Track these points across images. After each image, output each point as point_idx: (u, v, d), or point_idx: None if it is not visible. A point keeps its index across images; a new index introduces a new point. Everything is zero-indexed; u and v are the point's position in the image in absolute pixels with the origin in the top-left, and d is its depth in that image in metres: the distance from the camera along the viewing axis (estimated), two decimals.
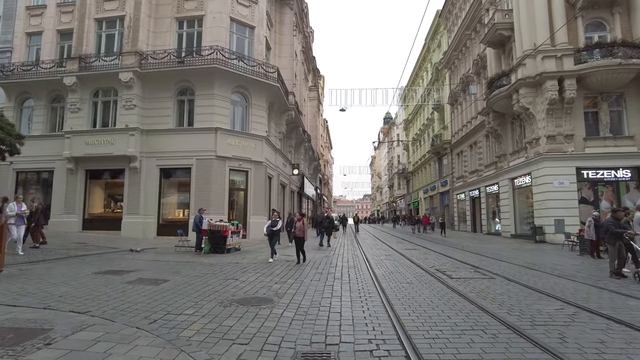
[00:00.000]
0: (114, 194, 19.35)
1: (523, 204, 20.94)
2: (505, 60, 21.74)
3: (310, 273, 8.68)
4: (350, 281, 7.71)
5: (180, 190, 18.60)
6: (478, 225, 27.56)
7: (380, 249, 15.02)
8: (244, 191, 18.79)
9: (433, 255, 12.69)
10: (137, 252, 12.09)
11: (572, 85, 16.93)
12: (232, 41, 19.02)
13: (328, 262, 10.69)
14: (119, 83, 17.89)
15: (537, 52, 17.61)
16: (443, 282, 7.59)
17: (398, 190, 64.27)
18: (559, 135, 17.54)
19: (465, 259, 11.59)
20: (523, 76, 18.03)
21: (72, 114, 18.64)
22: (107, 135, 18.17)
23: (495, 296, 6.37)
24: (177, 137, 18.00)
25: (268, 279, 7.80)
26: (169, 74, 18.06)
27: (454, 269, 9.41)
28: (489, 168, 24.78)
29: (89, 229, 18.29)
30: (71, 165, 18.40)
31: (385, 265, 10.25)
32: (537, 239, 17.77)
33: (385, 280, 7.87)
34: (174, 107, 18.56)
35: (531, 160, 18.63)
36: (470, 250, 14.81)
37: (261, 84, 18.98)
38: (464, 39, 28.74)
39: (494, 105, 21.18)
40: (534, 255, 13.10)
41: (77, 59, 18.46)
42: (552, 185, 17.43)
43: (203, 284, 7.11)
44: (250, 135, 18.84)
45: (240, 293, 6.37)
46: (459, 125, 30.96)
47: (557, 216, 17.15)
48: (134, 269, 8.68)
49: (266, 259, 11.24)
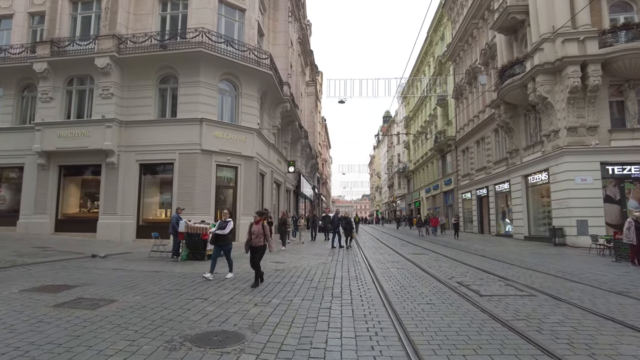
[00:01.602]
0: (91, 193, 17.58)
1: (538, 203, 19.27)
2: (518, 48, 20.05)
3: (302, 288, 6.97)
4: (353, 301, 5.99)
5: (162, 188, 16.85)
6: (486, 226, 25.88)
7: (384, 254, 13.31)
8: (232, 189, 17.04)
9: (446, 262, 10.98)
10: (101, 259, 10.35)
11: (597, 71, 15.26)
12: (220, 24, 17.27)
13: (325, 272, 8.97)
14: (95, 70, 16.15)
15: (556, 36, 15.92)
16: (472, 302, 5.88)
17: (398, 189, 62.58)
18: (581, 127, 15.86)
19: (485, 267, 9.89)
20: (540, 62, 16.34)
21: (44, 104, 16.87)
22: (82, 127, 16.43)
23: (553, 327, 4.66)
24: (159, 129, 16.25)
25: (246, 298, 6.07)
26: (150, 60, 16.31)
27: (479, 282, 7.71)
28: (499, 165, 23.09)
29: (63, 231, 16.54)
30: (42, 160, 16.64)
31: (393, 275, 8.53)
32: (556, 242, 16.11)
33: (397, 298, 6.16)
34: (156, 96, 16.81)
35: (549, 155, 16.95)
36: (485, 254, 13.12)
37: (252, 72, 17.24)
38: (470, 28, 27.06)
39: (505, 96, 19.50)
40: (560, 261, 11.42)
41: (49, 43, 16.69)
42: (573, 182, 15.75)
43: (159, 306, 5.39)
44: (240, 127, 17.10)
45: (203, 323, 4.65)
46: (464, 120, 29.27)
47: (580, 216, 15.48)
48: (82, 282, 6.95)
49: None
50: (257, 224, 7.15)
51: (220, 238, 7.71)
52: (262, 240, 7.09)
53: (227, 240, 7.77)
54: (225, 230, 7.71)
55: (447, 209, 34.78)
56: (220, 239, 7.71)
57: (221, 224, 7.82)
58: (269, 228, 7.16)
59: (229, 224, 7.82)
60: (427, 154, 41.80)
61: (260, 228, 7.10)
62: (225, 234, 7.71)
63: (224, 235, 7.70)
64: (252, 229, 7.10)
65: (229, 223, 7.84)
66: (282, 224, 15.72)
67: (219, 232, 7.67)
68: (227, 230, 7.73)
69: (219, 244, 7.72)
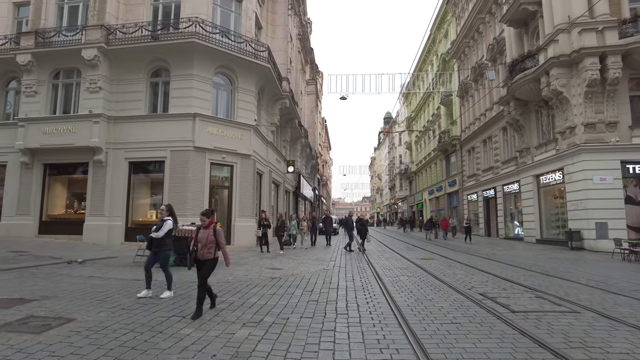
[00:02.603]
0: (77, 193, 16.59)
1: (551, 205, 18.25)
2: (529, 41, 19.08)
3: (300, 302, 5.95)
4: (362, 319, 4.98)
5: (153, 187, 15.86)
6: (493, 228, 24.85)
7: (390, 259, 12.30)
8: (228, 189, 16.04)
9: (460, 269, 9.96)
10: (78, 265, 9.34)
11: (617, 63, 14.28)
12: (216, 15, 16.32)
13: (327, 280, 7.96)
14: (83, 62, 15.19)
15: (572, 26, 14.95)
16: (506, 320, 4.86)
17: (400, 191, 61.51)
18: (599, 123, 14.87)
19: (504, 274, 8.88)
20: (555, 54, 15.36)
21: (28, 99, 15.89)
22: (68, 123, 15.45)
23: (622, 359, 3.65)
24: (150, 125, 15.26)
25: (233, 315, 5.06)
26: (141, 51, 15.33)
27: (504, 293, 6.69)
28: (508, 164, 22.09)
29: (47, 233, 15.53)
30: (26, 158, 15.64)
31: (404, 285, 7.52)
32: (573, 246, 15.09)
33: (414, 316, 5.14)
34: (147, 90, 15.82)
35: (564, 153, 15.95)
36: (499, 259, 12.11)
37: (249, 65, 16.25)
38: (477, 23, 26.11)
39: (516, 91, 18.51)
40: (585, 267, 10.41)
41: (34, 34, 15.73)
42: (591, 182, 14.74)
43: (124, 327, 4.38)
44: (235, 123, 16.11)
45: (173, 353, 3.64)
46: (470, 119, 28.28)
47: (599, 218, 14.46)
48: (43, 295, 5.95)
49: (245, 274, 8.53)
50: (205, 228, 5.22)
51: (155, 242, 6.13)
52: (213, 250, 5.17)
53: (165, 245, 6.20)
54: (160, 232, 6.12)
55: (451, 211, 33.74)
56: (156, 244, 6.13)
57: (159, 225, 6.22)
58: (222, 234, 5.31)
59: (166, 224, 6.19)
60: (430, 154, 40.80)
61: (209, 234, 5.17)
62: (160, 238, 6.12)
63: (163, 238, 6.13)
64: (198, 236, 5.21)
65: (165, 223, 6.20)
66: (279, 226, 14.70)
67: (153, 234, 6.12)
68: (162, 232, 6.13)
69: (155, 250, 6.15)
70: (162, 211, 6.49)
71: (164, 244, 6.18)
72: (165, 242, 6.20)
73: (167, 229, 6.17)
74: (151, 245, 6.18)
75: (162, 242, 6.14)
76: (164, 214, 6.38)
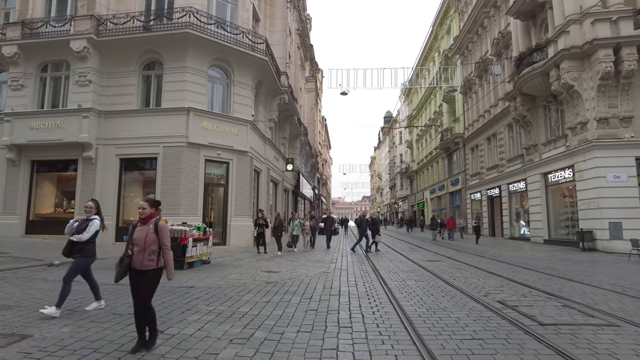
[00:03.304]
0: (67, 191, 15.93)
1: (559, 204, 17.57)
2: (536, 34, 18.37)
3: (298, 311, 5.27)
4: (368, 334, 4.29)
5: (145, 185, 15.18)
6: (498, 228, 24.16)
7: (393, 261, 11.61)
8: (223, 187, 15.34)
9: (470, 272, 9.28)
10: (56, 267, 8.67)
11: (632, 55, 13.60)
12: (211, 5, 15.67)
13: (327, 285, 7.27)
14: (72, 54, 14.54)
15: (584, 16, 14.27)
16: (536, 336, 4.18)
17: (401, 190, 60.78)
18: (613, 118, 14.19)
19: (519, 278, 8.19)
20: (566, 46, 14.67)
21: (14, 92, 15.24)
22: (56, 118, 14.77)
23: None
24: (142, 120, 14.57)
25: (219, 330, 4.36)
26: (132, 43, 14.64)
27: (525, 301, 6.00)
28: (513, 162, 21.40)
29: (35, 233, 14.87)
30: (12, 154, 14.98)
31: (412, 291, 6.83)
32: (585, 246, 14.41)
33: (428, 330, 4.45)
34: (139, 83, 15.13)
35: (575, 149, 15.26)
36: (509, 261, 11.42)
37: (246, 57, 15.56)
38: (481, 17, 25.42)
39: (523, 86, 17.82)
40: (603, 270, 9.72)
41: (20, 25, 15.06)
42: (604, 180, 14.06)
43: (87, 346, 3.69)
44: (232, 118, 15.41)
45: None
46: (474, 116, 27.58)
47: (612, 218, 13.79)
48: (7, 303, 5.27)
49: (238, 278, 7.85)
50: (143, 223, 3.74)
51: (76, 247, 4.90)
52: (156, 257, 3.68)
53: (87, 250, 4.95)
54: (84, 235, 4.86)
55: (454, 210, 33.05)
56: (77, 249, 4.89)
57: (80, 225, 4.97)
58: (168, 232, 3.80)
59: (93, 225, 4.95)
60: (432, 153, 40.11)
61: (149, 232, 3.66)
62: (83, 242, 4.87)
63: (80, 242, 4.86)
64: (133, 235, 3.73)
65: (92, 223, 4.96)
66: (277, 226, 14.00)
67: (74, 238, 4.88)
68: (88, 234, 4.87)
69: (75, 255, 4.91)
70: (89, 207, 5.08)
71: (86, 250, 4.93)
72: (89, 246, 4.95)
73: (94, 230, 4.94)
74: (71, 250, 4.91)
75: (83, 247, 4.90)
76: (91, 212, 5.05)
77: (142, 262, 3.62)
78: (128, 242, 3.75)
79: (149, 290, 3.64)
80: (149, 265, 3.63)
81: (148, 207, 3.74)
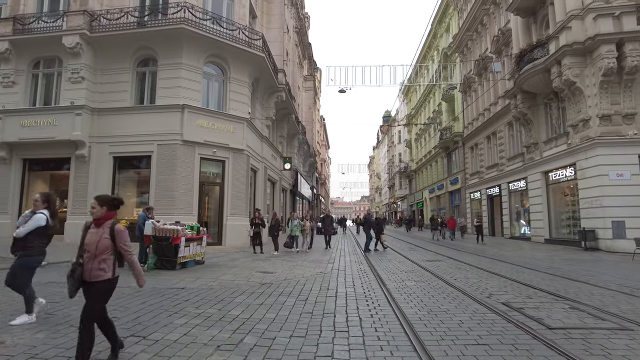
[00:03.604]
0: (61, 190, 15.58)
1: (561, 202, 17.33)
2: (537, 31, 18.13)
3: (292, 314, 4.99)
4: (366, 339, 4.02)
5: (139, 184, 14.89)
6: (498, 227, 23.94)
7: (392, 261, 11.34)
8: (219, 186, 15.05)
9: (471, 272, 9.02)
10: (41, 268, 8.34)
11: (635, 51, 13.36)
12: (207, 0, 15.35)
13: (324, 286, 7.00)
14: (64, 50, 14.21)
15: (586, 12, 14.04)
16: (545, 341, 3.91)
17: (399, 190, 60.58)
18: (616, 115, 13.95)
19: (522, 278, 7.93)
20: (568, 42, 14.42)
21: (5, 89, 14.91)
22: (49, 116, 14.46)
23: None
24: (136, 118, 14.27)
25: (206, 335, 4.09)
26: (126, 39, 14.34)
27: (530, 303, 5.74)
28: (514, 161, 21.17)
29: None
30: (3, 152, 14.68)
31: (412, 292, 6.56)
32: (587, 246, 14.17)
33: (430, 334, 4.18)
34: (133, 80, 14.83)
35: (576, 147, 15.02)
36: (510, 261, 11.16)
37: (242, 54, 15.27)
38: (480, 15, 25.18)
39: (524, 83, 17.58)
40: (607, 270, 9.47)
41: (12, 21, 14.73)
42: (607, 178, 13.82)
43: (58, 356, 3.41)
44: (227, 116, 15.12)
45: None
46: (473, 114, 27.35)
47: (615, 217, 13.54)
48: None
49: (232, 279, 7.57)
50: (97, 225, 3.20)
51: (18, 244, 4.36)
52: (108, 265, 3.13)
53: (31, 248, 4.35)
54: (20, 230, 4.32)
55: (453, 210, 32.81)
56: (19, 246, 4.35)
57: (24, 219, 4.45)
58: (127, 236, 3.23)
59: (34, 219, 4.32)
60: (431, 152, 39.87)
61: (102, 237, 3.13)
62: (23, 238, 4.31)
63: (21, 239, 4.31)
64: (85, 238, 3.18)
65: (34, 217, 4.34)
66: (274, 226, 13.71)
67: (16, 234, 4.37)
68: (25, 230, 4.29)
69: (16, 253, 4.41)
70: (37, 201, 4.45)
71: (28, 247, 4.32)
72: (33, 243, 4.32)
73: (34, 225, 4.27)
74: (14, 248, 4.40)
75: (25, 244, 4.31)
76: (39, 205, 4.42)
77: (91, 271, 3.06)
78: (79, 247, 3.20)
79: (98, 304, 3.08)
80: (98, 276, 3.05)
81: (98, 207, 3.15)
